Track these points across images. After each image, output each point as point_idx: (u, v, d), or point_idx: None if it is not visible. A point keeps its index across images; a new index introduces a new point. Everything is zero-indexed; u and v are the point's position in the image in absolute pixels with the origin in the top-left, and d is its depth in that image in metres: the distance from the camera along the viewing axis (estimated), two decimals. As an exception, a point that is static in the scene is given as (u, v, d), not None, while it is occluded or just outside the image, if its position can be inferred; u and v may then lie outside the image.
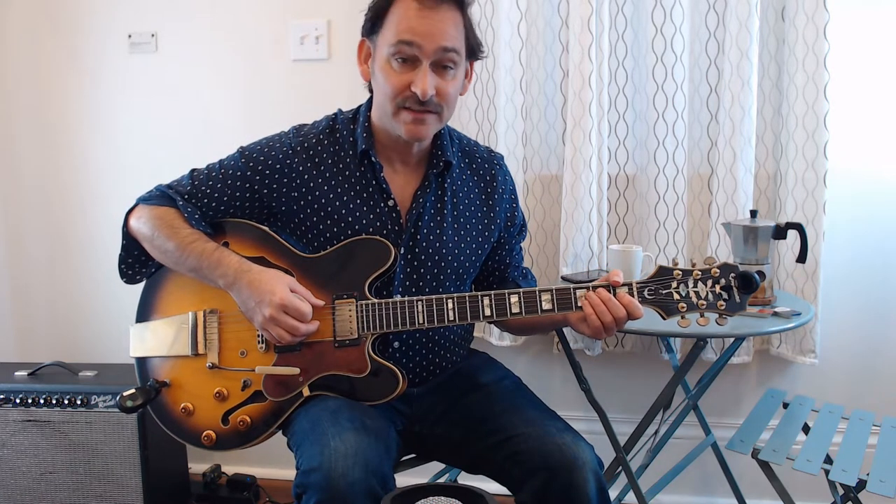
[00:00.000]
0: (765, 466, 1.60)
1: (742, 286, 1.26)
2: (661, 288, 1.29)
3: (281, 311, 1.30)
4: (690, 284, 1.28)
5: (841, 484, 1.54)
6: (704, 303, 1.27)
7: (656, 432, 1.87)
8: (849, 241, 2.08)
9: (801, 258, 1.81)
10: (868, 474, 1.51)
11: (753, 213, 1.84)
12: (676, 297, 1.28)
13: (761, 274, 1.27)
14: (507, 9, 2.07)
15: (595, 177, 2.05)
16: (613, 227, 2.17)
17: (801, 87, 1.94)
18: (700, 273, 1.28)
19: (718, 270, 1.27)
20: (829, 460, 1.59)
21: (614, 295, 1.28)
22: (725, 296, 1.27)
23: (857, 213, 2.07)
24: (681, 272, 1.29)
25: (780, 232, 1.79)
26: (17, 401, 2.08)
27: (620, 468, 1.79)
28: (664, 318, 1.29)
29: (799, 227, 1.78)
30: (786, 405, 1.89)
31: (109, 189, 2.44)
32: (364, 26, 1.40)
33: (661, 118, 2.03)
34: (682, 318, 1.28)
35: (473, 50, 1.42)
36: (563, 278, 2.05)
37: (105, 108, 2.41)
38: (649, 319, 1.32)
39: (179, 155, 2.31)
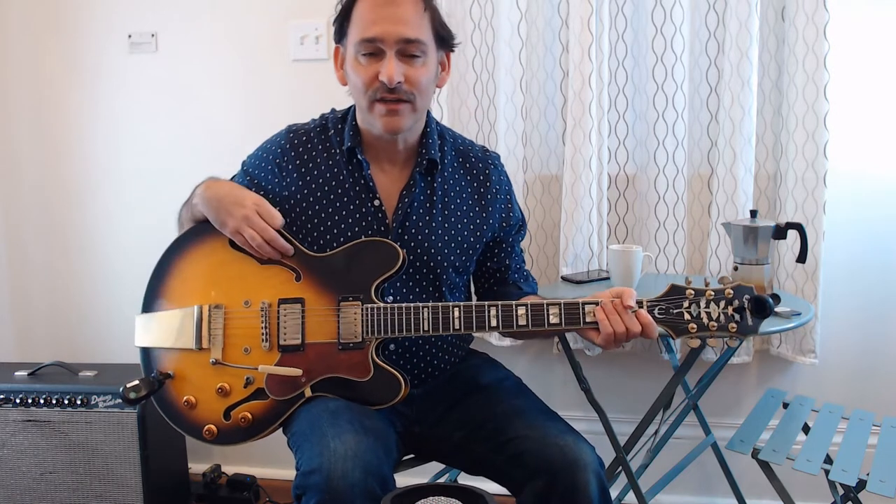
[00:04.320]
0: (765, 466, 1.60)
1: (755, 309, 1.23)
2: (672, 307, 1.27)
3: (254, 210, 1.35)
4: (702, 305, 1.25)
5: (841, 484, 1.54)
6: (715, 324, 1.25)
7: (656, 432, 1.87)
8: (849, 241, 2.08)
9: (801, 258, 1.81)
10: (868, 474, 1.51)
11: (753, 213, 1.84)
12: (687, 317, 1.26)
13: (776, 297, 1.24)
14: (507, 9, 2.07)
15: (595, 177, 2.05)
16: (613, 227, 2.16)
17: (801, 87, 1.94)
18: (713, 293, 1.25)
19: (732, 291, 1.25)
20: (829, 460, 1.59)
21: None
22: (738, 318, 1.24)
23: (857, 213, 2.07)
24: (693, 292, 1.26)
25: (780, 232, 1.79)
26: (17, 401, 2.08)
27: (620, 468, 1.79)
28: (674, 339, 1.27)
29: (799, 227, 1.78)
30: (786, 405, 1.89)
31: (109, 189, 2.44)
32: (335, 33, 1.43)
33: (661, 118, 2.03)
34: (692, 338, 1.26)
35: (444, 40, 1.42)
36: (563, 278, 2.05)
37: (105, 108, 2.41)
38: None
39: (179, 154, 2.33)
